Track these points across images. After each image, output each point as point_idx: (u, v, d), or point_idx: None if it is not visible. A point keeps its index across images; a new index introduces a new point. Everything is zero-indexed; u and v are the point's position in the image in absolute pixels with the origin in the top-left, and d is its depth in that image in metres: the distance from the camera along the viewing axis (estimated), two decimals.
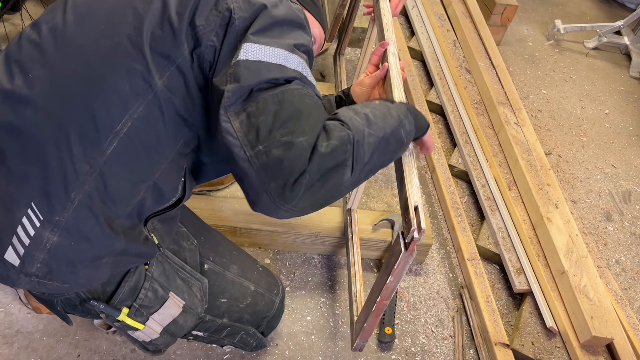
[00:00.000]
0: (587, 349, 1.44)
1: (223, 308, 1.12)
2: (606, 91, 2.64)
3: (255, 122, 0.77)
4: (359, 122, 0.84)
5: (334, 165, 0.78)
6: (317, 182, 0.77)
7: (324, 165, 0.77)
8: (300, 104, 0.79)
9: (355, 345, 1.14)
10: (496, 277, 1.69)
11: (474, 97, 2.15)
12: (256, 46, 0.80)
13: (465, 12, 2.52)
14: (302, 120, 0.78)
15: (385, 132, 0.86)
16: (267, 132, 0.76)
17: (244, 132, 0.77)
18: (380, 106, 0.91)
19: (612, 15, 3.25)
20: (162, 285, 0.99)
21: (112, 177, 0.82)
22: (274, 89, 0.78)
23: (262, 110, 0.77)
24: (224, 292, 1.12)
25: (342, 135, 0.80)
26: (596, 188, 2.09)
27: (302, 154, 0.75)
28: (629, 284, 1.78)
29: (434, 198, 1.88)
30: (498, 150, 1.96)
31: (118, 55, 0.82)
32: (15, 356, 1.27)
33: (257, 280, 1.19)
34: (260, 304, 1.18)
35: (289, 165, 0.75)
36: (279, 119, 0.77)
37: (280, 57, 0.81)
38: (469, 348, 1.50)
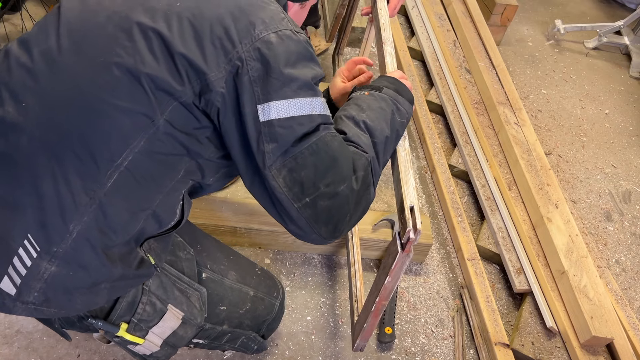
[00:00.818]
0: (587, 349, 1.44)
1: (223, 315, 1.11)
2: (606, 91, 2.64)
3: (297, 177, 0.83)
4: (365, 137, 0.94)
5: (364, 191, 0.90)
6: (354, 213, 0.89)
7: (360, 198, 0.89)
8: (332, 150, 0.85)
9: (356, 345, 1.14)
10: (496, 277, 1.69)
11: (474, 97, 2.15)
12: (284, 103, 0.82)
13: (465, 12, 2.52)
14: (338, 167, 0.85)
15: (386, 132, 0.97)
16: (310, 184, 0.84)
17: (289, 187, 0.83)
18: (372, 102, 1.00)
19: (612, 15, 3.25)
20: (160, 298, 0.98)
21: (112, 208, 0.81)
22: (307, 139, 0.83)
23: (302, 165, 0.83)
24: (223, 300, 1.11)
25: (363, 163, 0.90)
26: (596, 188, 2.09)
27: (346, 201, 0.87)
28: (629, 284, 1.78)
29: (434, 198, 1.88)
30: (498, 150, 1.96)
31: (118, 90, 0.79)
32: (15, 356, 1.27)
33: (256, 284, 1.18)
34: (260, 308, 1.18)
35: (337, 212, 0.86)
36: (319, 170, 0.84)
37: (307, 106, 0.84)
38: (469, 348, 1.50)
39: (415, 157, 2.02)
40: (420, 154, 2.03)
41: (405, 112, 1.03)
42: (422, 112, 2.11)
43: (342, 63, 2.06)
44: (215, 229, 1.51)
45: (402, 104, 1.03)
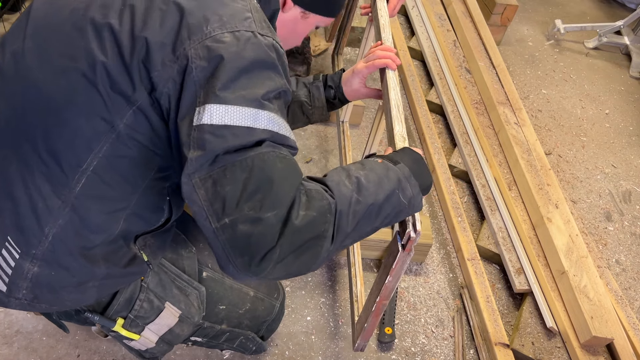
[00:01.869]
0: (587, 349, 1.44)
1: (222, 315, 1.11)
2: (606, 91, 2.64)
3: (221, 191, 0.71)
4: (346, 188, 0.79)
5: (311, 238, 0.74)
6: (289, 255, 0.73)
7: (299, 239, 0.73)
8: (271, 171, 0.72)
9: (356, 345, 1.14)
10: (496, 277, 1.69)
11: (474, 97, 2.15)
12: (221, 108, 0.72)
13: (465, 12, 2.52)
14: (272, 191, 0.72)
15: (377, 198, 0.80)
16: (234, 203, 0.70)
17: (210, 202, 0.71)
18: (378, 167, 0.85)
19: (612, 15, 3.25)
20: (158, 296, 0.98)
21: (86, 211, 0.80)
22: (243, 153, 0.72)
23: (230, 179, 0.71)
24: (222, 299, 1.11)
25: (322, 205, 0.75)
26: (596, 188, 2.09)
27: (270, 231, 0.71)
28: (629, 284, 1.78)
29: (434, 198, 1.88)
30: (498, 150, 1.95)
31: (77, 95, 0.76)
32: (15, 356, 1.27)
33: (257, 285, 1.18)
34: (260, 309, 1.17)
35: (256, 242, 0.70)
36: (247, 189, 0.71)
37: (248, 117, 0.73)
38: (469, 348, 1.50)
39: None
40: None
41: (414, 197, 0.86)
42: (422, 112, 2.11)
43: (341, 63, 2.06)
44: None
45: (413, 187, 0.86)
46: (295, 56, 2.14)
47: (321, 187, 0.78)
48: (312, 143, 1.96)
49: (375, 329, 1.17)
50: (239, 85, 0.73)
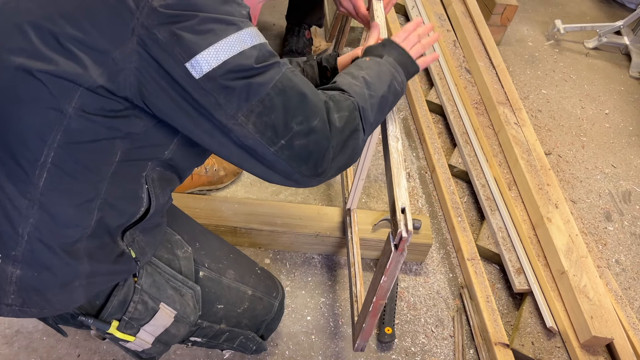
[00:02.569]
0: (587, 349, 1.44)
1: (220, 314, 1.10)
2: (606, 91, 2.64)
3: (268, 120, 0.77)
4: (358, 87, 0.91)
5: (350, 133, 0.86)
6: (340, 153, 0.85)
7: (343, 136, 0.85)
8: (298, 85, 0.81)
9: (356, 345, 1.15)
10: (496, 277, 1.69)
11: (474, 97, 2.15)
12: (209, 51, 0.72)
13: (465, 12, 2.52)
14: (307, 102, 0.81)
15: (383, 90, 0.95)
16: (283, 126, 0.79)
17: (261, 132, 0.78)
18: (372, 64, 0.98)
19: (612, 15, 3.25)
20: (153, 297, 0.97)
21: (54, 206, 0.78)
22: (264, 78, 0.76)
23: (271, 107, 0.77)
24: (220, 299, 1.10)
25: (349, 105, 0.87)
26: (596, 188, 2.09)
27: (322, 135, 0.82)
28: (629, 284, 1.78)
29: (434, 198, 1.88)
30: (498, 150, 1.96)
31: (18, 86, 0.73)
32: (15, 356, 1.27)
33: (255, 284, 1.17)
34: (259, 308, 1.17)
35: (315, 148, 0.82)
36: (289, 110, 0.79)
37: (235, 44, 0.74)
38: (469, 348, 1.50)
39: (415, 157, 2.02)
40: (420, 154, 2.03)
41: (402, 82, 1.00)
42: (422, 112, 2.11)
43: None
44: (215, 229, 1.51)
45: (400, 75, 1.00)
46: (296, 56, 2.15)
47: (339, 90, 0.90)
48: None
49: (374, 329, 1.17)
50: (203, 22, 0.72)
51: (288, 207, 1.60)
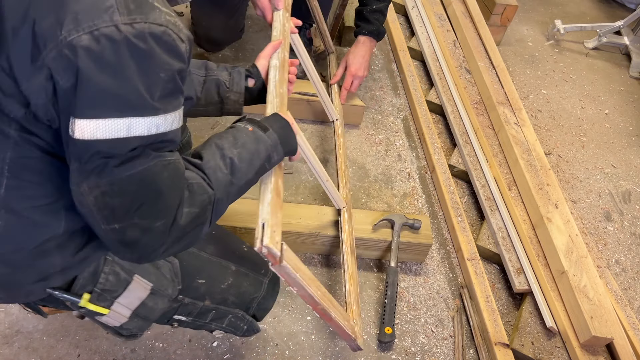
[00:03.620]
0: (587, 349, 1.45)
1: (202, 289, 1.06)
2: (606, 91, 2.64)
3: (110, 202, 0.73)
4: (222, 174, 0.87)
5: (193, 228, 0.83)
6: (173, 246, 0.82)
7: (183, 232, 0.82)
8: (158, 183, 0.76)
9: (349, 346, 1.15)
10: (496, 277, 1.69)
11: (474, 97, 2.15)
12: (91, 123, 0.68)
13: (465, 12, 2.52)
14: (160, 201, 0.77)
15: (249, 177, 0.92)
16: (123, 213, 0.75)
17: (99, 208, 0.74)
18: (249, 142, 0.93)
19: (612, 15, 3.25)
20: (125, 269, 0.94)
21: (21, 210, 0.79)
22: (125, 166, 0.72)
23: (118, 192, 0.73)
24: (200, 273, 1.06)
25: (203, 200, 0.83)
26: (596, 188, 2.09)
27: (158, 237, 0.78)
28: (628, 284, 1.78)
29: (434, 198, 1.88)
30: (498, 150, 1.96)
31: None
32: (16, 356, 1.27)
33: (239, 260, 1.12)
34: (245, 284, 1.12)
35: (144, 245, 0.78)
36: (136, 202, 0.75)
37: (121, 128, 0.70)
38: (469, 348, 1.50)
39: (415, 157, 2.02)
40: (420, 154, 2.03)
41: (277, 161, 0.99)
42: (422, 112, 2.11)
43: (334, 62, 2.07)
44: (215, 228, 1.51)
45: (279, 154, 0.98)
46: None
47: (201, 177, 0.85)
48: (312, 143, 1.96)
49: (345, 331, 1.18)
50: (107, 95, 0.68)
51: (288, 207, 1.60)
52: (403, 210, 1.81)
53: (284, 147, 1.00)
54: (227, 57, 2.18)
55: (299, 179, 1.82)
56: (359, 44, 1.85)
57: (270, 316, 1.45)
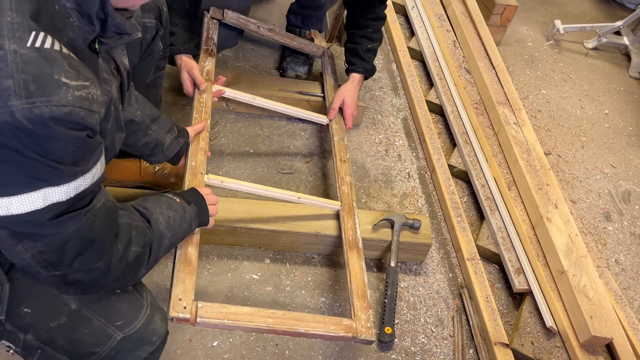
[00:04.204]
0: (586, 349, 1.45)
1: (26, 320, 0.90)
2: (606, 91, 2.64)
3: (47, 257, 0.78)
4: (162, 225, 1.01)
5: (134, 267, 0.92)
6: (114, 283, 0.90)
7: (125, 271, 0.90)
8: (90, 235, 0.80)
9: None
10: (496, 277, 1.69)
11: (474, 97, 2.15)
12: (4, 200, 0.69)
13: (465, 12, 2.52)
14: (97, 247, 0.82)
15: (177, 237, 1.09)
16: (61, 264, 0.79)
17: (37, 261, 0.78)
18: (180, 210, 1.10)
19: (611, 15, 3.25)
20: None
21: None
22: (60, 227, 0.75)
23: (53, 250, 0.77)
24: (28, 301, 0.89)
25: (146, 241, 0.95)
26: (596, 188, 2.10)
27: (102, 274, 0.85)
28: (628, 283, 1.78)
29: (434, 198, 1.88)
30: (498, 150, 1.96)
31: None
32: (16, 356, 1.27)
33: (91, 301, 0.92)
34: (83, 331, 0.92)
35: (87, 283, 0.85)
36: (73, 253, 0.79)
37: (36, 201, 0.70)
38: (469, 348, 1.50)
39: (415, 157, 2.02)
40: (420, 154, 2.04)
41: (193, 229, 1.18)
42: (422, 112, 2.11)
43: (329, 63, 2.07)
44: (215, 229, 1.51)
45: (193, 227, 1.16)
46: (298, 57, 2.14)
47: (144, 222, 0.97)
48: (312, 143, 1.96)
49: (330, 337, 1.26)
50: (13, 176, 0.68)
51: (288, 207, 1.60)
52: (403, 210, 1.81)
53: (200, 218, 1.17)
54: (227, 57, 2.18)
55: (299, 179, 1.82)
56: (355, 82, 1.87)
57: None
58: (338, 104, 1.84)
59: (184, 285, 1.15)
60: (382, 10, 1.86)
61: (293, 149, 1.92)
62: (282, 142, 1.93)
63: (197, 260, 1.21)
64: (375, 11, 1.84)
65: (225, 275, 1.51)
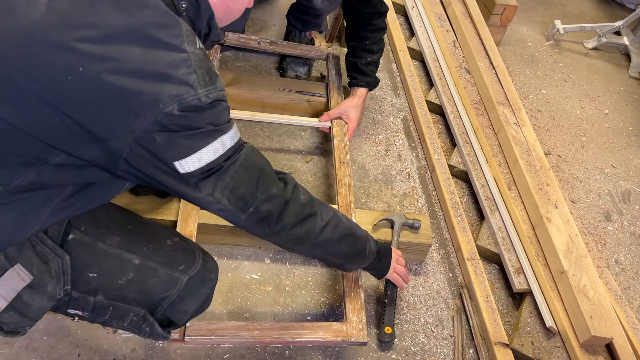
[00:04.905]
0: (586, 349, 1.45)
1: (93, 284, 0.99)
2: (606, 91, 2.64)
3: (238, 193, 0.93)
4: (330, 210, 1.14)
5: (308, 214, 1.06)
6: (297, 225, 1.04)
7: (300, 210, 1.04)
8: (257, 162, 0.97)
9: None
10: (496, 277, 1.69)
11: (474, 98, 2.15)
12: (197, 155, 0.86)
13: (465, 12, 2.52)
14: (264, 174, 0.98)
15: (355, 232, 1.21)
16: (250, 195, 0.95)
17: (233, 204, 0.94)
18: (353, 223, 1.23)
19: (611, 15, 3.25)
20: (7, 255, 0.90)
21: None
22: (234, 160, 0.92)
23: (240, 182, 0.93)
24: (91, 266, 0.99)
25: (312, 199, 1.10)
26: (596, 188, 2.10)
27: (280, 199, 1.00)
28: (628, 283, 1.78)
29: (434, 198, 1.88)
30: (498, 150, 1.96)
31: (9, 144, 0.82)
32: (16, 356, 1.28)
33: (149, 253, 1.04)
34: (151, 280, 1.03)
35: (275, 211, 1.00)
36: (253, 183, 0.95)
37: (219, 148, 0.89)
38: (469, 348, 1.50)
39: (415, 157, 2.03)
40: (420, 154, 2.04)
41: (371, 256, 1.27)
42: (422, 112, 2.11)
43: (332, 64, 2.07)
44: (215, 229, 1.51)
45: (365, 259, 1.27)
46: (298, 57, 2.15)
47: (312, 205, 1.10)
48: (312, 143, 1.96)
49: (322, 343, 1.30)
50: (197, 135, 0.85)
51: None
52: (403, 210, 1.81)
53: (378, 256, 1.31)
54: (226, 57, 2.18)
55: (299, 179, 1.82)
56: (356, 96, 1.87)
57: (271, 316, 1.45)
58: (336, 114, 1.84)
59: None
60: (381, 21, 1.83)
61: (293, 149, 1.92)
62: (282, 142, 1.93)
63: None
64: (373, 23, 1.81)
65: (225, 275, 1.51)
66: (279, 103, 1.95)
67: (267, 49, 2.04)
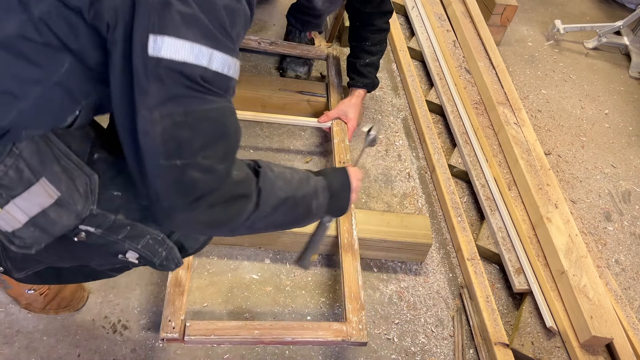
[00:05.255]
0: (586, 349, 1.45)
1: (117, 202, 0.93)
2: (606, 91, 2.64)
3: (179, 134, 0.74)
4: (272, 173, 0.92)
5: (240, 194, 0.85)
6: (220, 204, 0.82)
7: (232, 191, 0.83)
8: (228, 124, 0.79)
9: None
10: (496, 277, 1.69)
11: (474, 98, 2.15)
12: (179, 43, 0.70)
13: (465, 12, 2.52)
14: (226, 143, 0.79)
15: (296, 194, 0.95)
16: (190, 149, 0.75)
17: (164, 140, 0.73)
18: (303, 173, 1.00)
19: (611, 15, 3.25)
20: (32, 167, 0.82)
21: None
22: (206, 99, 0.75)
23: (191, 126, 0.74)
24: (117, 184, 0.93)
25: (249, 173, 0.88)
26: (596, 188, 2.10)
27: (217, 180, 0.79)
28: (628, 283, 1.78)
29: (434, 198, 1.88)
30: (498, 150, 1.96)
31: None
32: (16, 356, 1.28)
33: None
34: None
35: (201, 187, 0.78)
36: (204, 139, 0.76)
37: (204, 57, 0.72)
38: (469, 348, 1.50)
39: (415, 157, 2.02)
40: (420, 154, 2.04)
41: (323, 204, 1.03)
42: (422, 112, 2.11)
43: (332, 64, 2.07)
44: None
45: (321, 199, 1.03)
46: (298, 57, 2.15)
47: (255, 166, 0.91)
48: (312, 143, 1.96)
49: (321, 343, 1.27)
50: (195, 20, 0.71)
51: None
52: (403, 210, 1.81)
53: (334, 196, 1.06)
54: None
55: None
56: (354, 97, 1.87)
57: (271, 316, 1.45)
58: (335, 114, 1.84)
59: (173, 307, 1.20)
60: (383, 22, 1.81)
61: (293, 149, 1.92)
62: (282, 142, 1.93)
63: (190, 277, 1.24)
64: (375, 23, 1.81)
65: (225, 275, 1.51)
66: (279, 103, 1.95)
67: (267, 49, 2.04)
